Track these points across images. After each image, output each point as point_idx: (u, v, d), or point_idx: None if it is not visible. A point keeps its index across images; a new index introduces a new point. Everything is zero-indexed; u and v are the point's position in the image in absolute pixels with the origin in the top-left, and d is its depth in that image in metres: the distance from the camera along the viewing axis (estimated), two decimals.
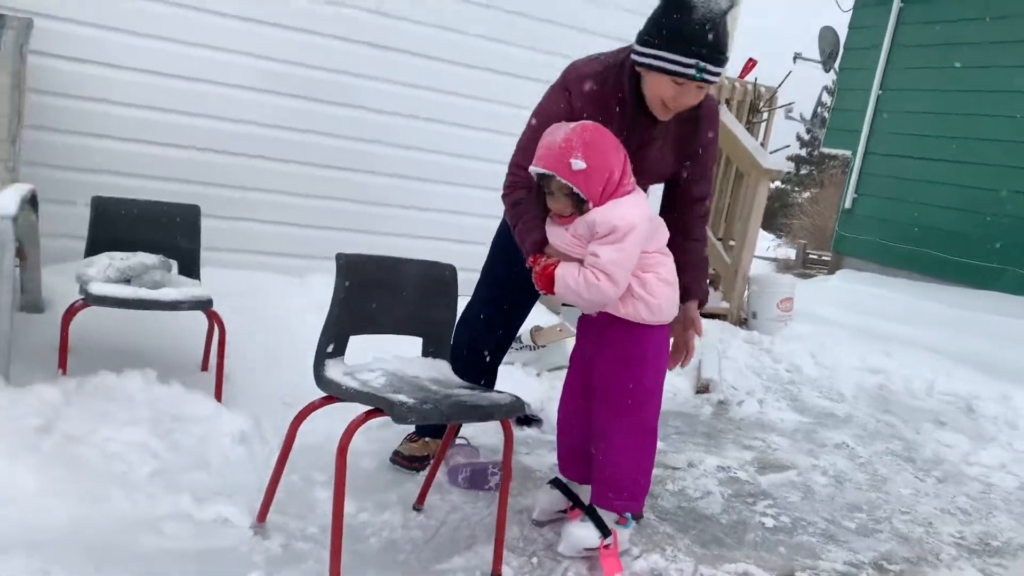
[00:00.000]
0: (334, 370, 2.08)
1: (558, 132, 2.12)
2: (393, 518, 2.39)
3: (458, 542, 2.32)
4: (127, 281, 2.73)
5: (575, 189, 2.08)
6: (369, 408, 1.95)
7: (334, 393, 2.03)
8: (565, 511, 2.47)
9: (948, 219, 9.84)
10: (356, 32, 3.96)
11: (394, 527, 2.35)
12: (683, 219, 2.42)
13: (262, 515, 2.23)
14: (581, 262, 2.13)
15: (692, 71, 2.05)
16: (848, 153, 11.85)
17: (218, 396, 2.88)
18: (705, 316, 5.61)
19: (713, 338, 5.21)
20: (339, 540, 1.91)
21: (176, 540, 2.08)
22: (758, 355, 5.11)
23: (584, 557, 2.28)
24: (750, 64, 6.51)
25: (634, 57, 2.15)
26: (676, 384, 4.35)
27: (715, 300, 5.95)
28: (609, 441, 2.26)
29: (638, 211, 2.13)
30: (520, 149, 2.38)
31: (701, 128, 2.33)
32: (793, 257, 14.02)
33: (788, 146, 8.16)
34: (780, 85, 6.64)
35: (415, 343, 2.37)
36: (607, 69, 2.26)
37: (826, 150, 13.13)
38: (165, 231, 3.03)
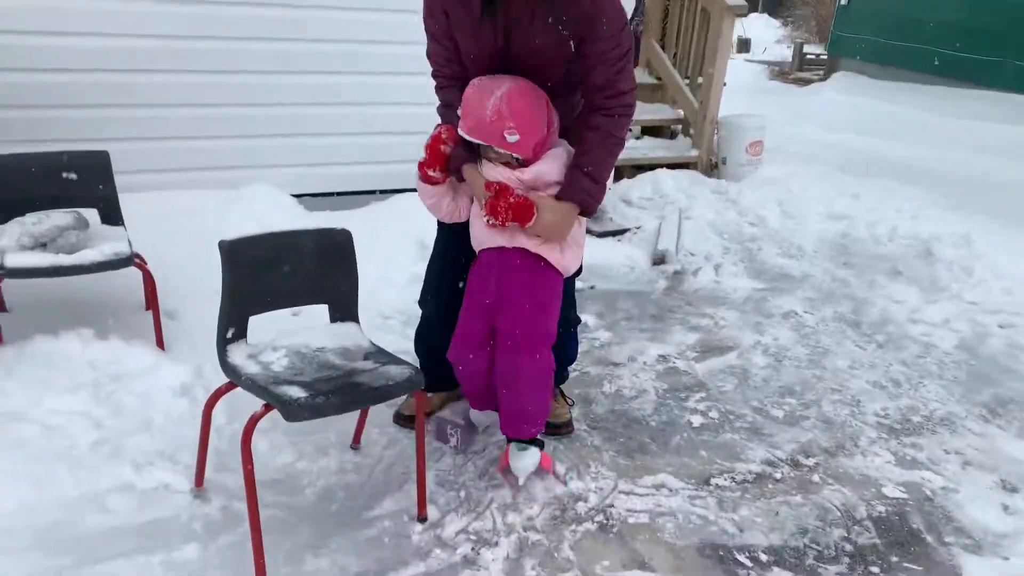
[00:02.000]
0: (237, 354, 2.13)
1: (485, 100, 2.15)
2: (330, 463, 2.53)
3: (391, 482, 2.47)
4: (43, 246, 2.73)
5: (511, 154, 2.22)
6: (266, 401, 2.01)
7: (235, 381, 2.09)
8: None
9: (949, 8, 9.32)
10: None
11: (330, 473, 2.49)
12: (587, 111, 2.28)
13: (199, 479, 2.36)
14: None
15: None
16: None
17: (159, 344, 2.95)
18: (675, 166, 5.57)
19: (678, 195, 5.18)
20: (258, 536, 2.02)
21: (119, 515, 2.22)
22: (723, 208, 5.10)
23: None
24: None
25: None
26: (633, 256, 4.39)
27: (684, 148, 5.82)
28: (521, 382, 2.33)
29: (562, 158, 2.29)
30: (428, 41, 2.38)
31: (580, 10, 2.11)
32: (789, 58, 13.40)
33: None
34: None
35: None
36: None
37: None
38: (77, 182, 2.98)
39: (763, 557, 2.25)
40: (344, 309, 2.34)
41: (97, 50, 3.54)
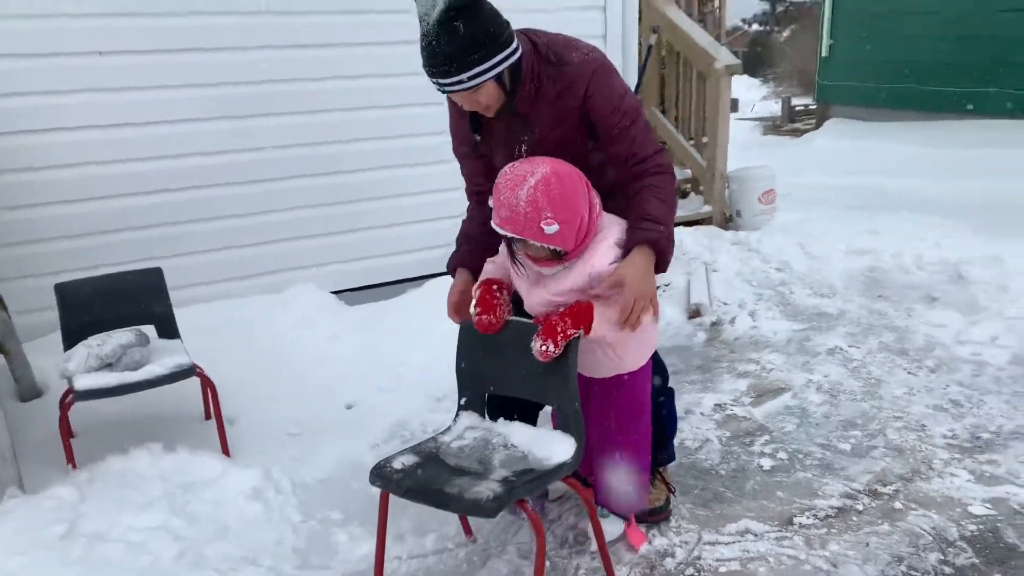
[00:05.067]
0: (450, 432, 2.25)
1: (518, 189, 1.96)
2: (405, 549, 2.52)
3: (473, 563, 2.46)
4: (110, 366, 2.80)
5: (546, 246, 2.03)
6: None
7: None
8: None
9: (929, 49, 9.59)
10: (276, 38, 3.84)
11: (412, 558, 2.48)
12: (627, 183, 2.24)
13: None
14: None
15: (436, 87, 2.07)
16: None
17: (224, 451, 2.98)
18: (690, 224, 5.66)
19: (700, 251, 5.26)
20: None
21: None
22: (747, 258, 5.16)
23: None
24: None
25: None
26: (667, 314, 4.41)
27: (697, 205, 5.93)
28: (606, 458, 2.36)
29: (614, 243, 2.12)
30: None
31: (570, 97, 2.16)
32: (779, 112, 13.75)
33: (744, 26, 7.87)
34: None
35: None
36: None
37: None
38: (134, 300, 3.07)
39: None
40: (566, 419, 2.20)
41: (137, 174, 3.71)
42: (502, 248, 2.36)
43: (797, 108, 13.51)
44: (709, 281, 4.67)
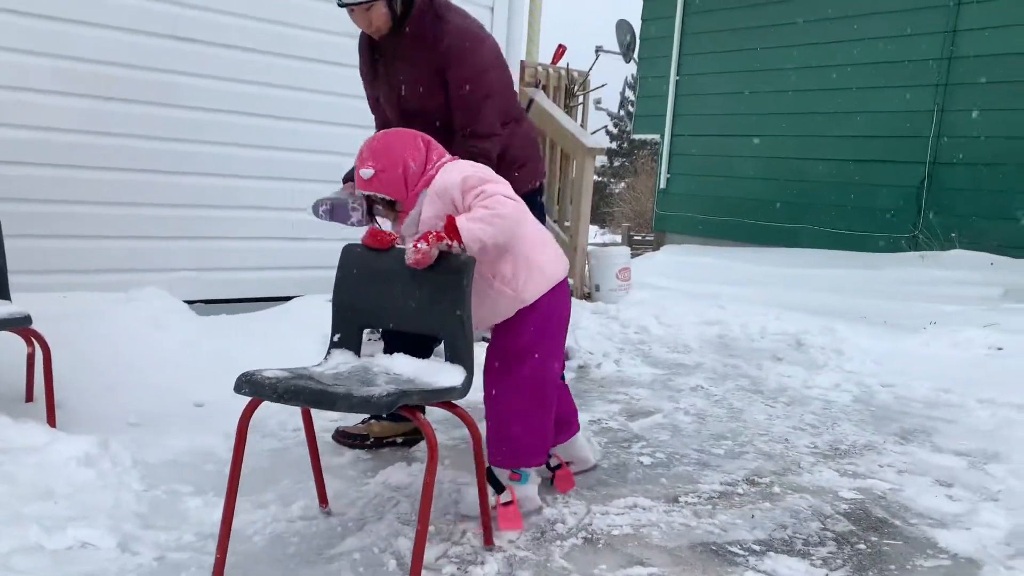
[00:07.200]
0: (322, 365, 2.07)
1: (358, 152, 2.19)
2: (269, 513, 2.24)
3: (346, 525, 2.22)
4: None
5: (379, 195, 2.14)
6: None
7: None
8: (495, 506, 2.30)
9: (752, 188, 10.68)
10: (162, 26, 3.71)
11: (276, 521, 2.21)
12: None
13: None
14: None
15: (337, 3, 2.35)
16: (657, 137, 12.55)
17: (51, 422, 2.59)
18: None
19: None
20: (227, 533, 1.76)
21: (29, 574, 1.83)
22: (606, 323, 5.29)
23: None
24: (560, 50, 6.71)
25: None
26: None
27: None
28: (494, 402, 2.25)
29: (467, 164, 2.20)
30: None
31: (436, 52, 2.40)
32: (619, 241, 14.71)
33: (605, 126, 8.53)
34: (590, 69, 6.93)
35: None
36: None
37: (636, 136, 13.87)
38: None
39: (755, 547, 2.19)
40: (453, 350, 2.08)
41: None
42: None
43: (635, 238, 14.55)
44: (575, 332, 4.74)
